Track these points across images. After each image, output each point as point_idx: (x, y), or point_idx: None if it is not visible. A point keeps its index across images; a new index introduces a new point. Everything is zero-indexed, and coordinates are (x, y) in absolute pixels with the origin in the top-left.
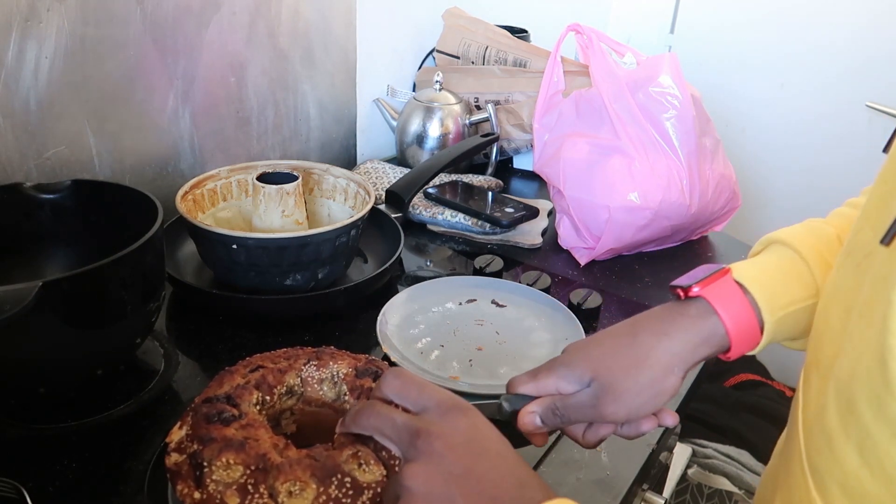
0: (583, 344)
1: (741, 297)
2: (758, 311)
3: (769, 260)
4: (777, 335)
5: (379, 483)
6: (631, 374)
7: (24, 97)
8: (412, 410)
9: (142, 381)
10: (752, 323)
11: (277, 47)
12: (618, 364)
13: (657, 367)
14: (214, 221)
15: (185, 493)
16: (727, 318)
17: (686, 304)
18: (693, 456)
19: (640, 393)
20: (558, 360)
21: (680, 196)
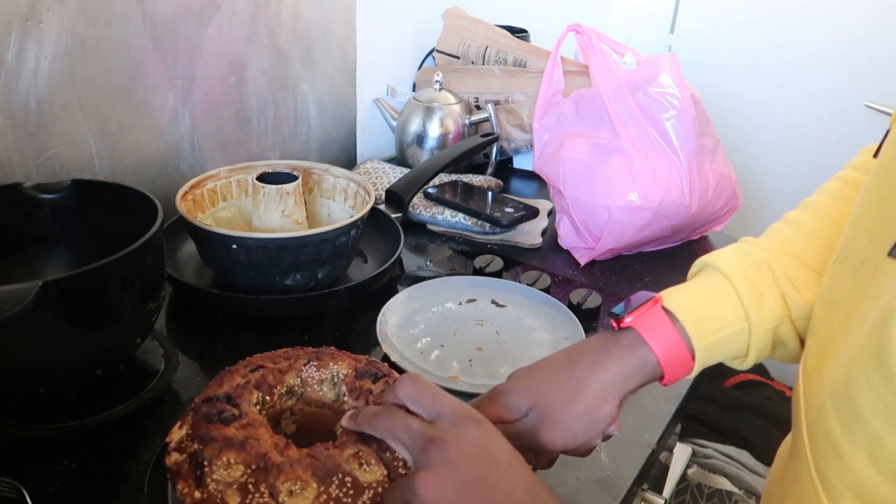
0: (523, 372)
1: (670, 325)
2: (687, 339)
3: (700, 286)
4: (710, 360)
5: (380, 483)
6: (567, 403)
7: (24, 97)
8: (425, 417)
9: (142, 380)
10: (682, 350)
11: (277, 47)
12: (554, 394)
13: (592, 397)
14: (214, 221)
15: (185, 492)
16: (657, 347)
17: (619, 335)
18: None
19: (577, 422)
20: (498, 389)
21: (680, 196)
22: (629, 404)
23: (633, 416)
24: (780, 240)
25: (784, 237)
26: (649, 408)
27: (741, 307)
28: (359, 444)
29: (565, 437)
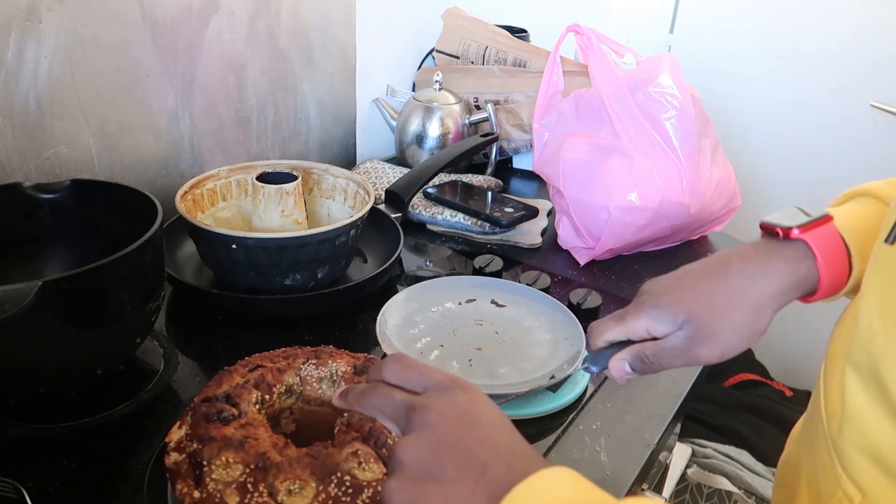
0: (670, 284)
1: (841, 246)
2: (850, 262)
3: (862, 211)
4: (857, 287)
5: (379, 481)
6: (726, 315)
7: (23, 97)
8: (413, 392)
9: (141, 380)
10: (843, 272)
11: (277, 47)
12: (712, 305)
13: (752, 309)
14: (214, 221)
15: (184, 492)
16: (825, 265)
17: (782, 246)
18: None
19: (735, 333)
20: (646, 302)
21: (679, 196)
22: (628, 403)
23: (632, 415)
24: None
25: None
26: (649, 407)
27: None
28: (357, 443)
29: (722, 350)
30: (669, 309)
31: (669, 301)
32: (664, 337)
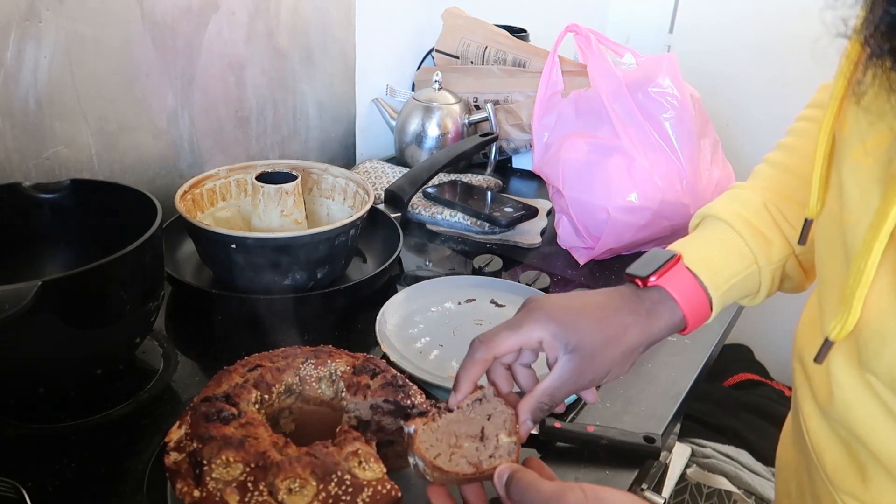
0: (564, 307)
1: (692, 281)
2: (705, 290)
3: (709, 236)
4: (725, 303)
5: (379, 481)
6: (609, 347)
7: (23, 97)
8: None
9: (141, 380)
10: (702, 302)
11: (276, 47)
12: (597, 339)
13: (630, 343)
14: (213, 221)
15: (184, 491)
16: (683, 302)
17: (647, 291)
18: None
19: (614, 364)
20: (543, 317)
21: (679, 196)
22: (628, 403)
23: (632, 415)
24: (768, 182)
25: (771, 179)
26: (649, 407)
27: (749, 252)
28: (358, 442)
29: (602, 377)
30: (566, 330)
31: (567, 323)
32: (552, 363)
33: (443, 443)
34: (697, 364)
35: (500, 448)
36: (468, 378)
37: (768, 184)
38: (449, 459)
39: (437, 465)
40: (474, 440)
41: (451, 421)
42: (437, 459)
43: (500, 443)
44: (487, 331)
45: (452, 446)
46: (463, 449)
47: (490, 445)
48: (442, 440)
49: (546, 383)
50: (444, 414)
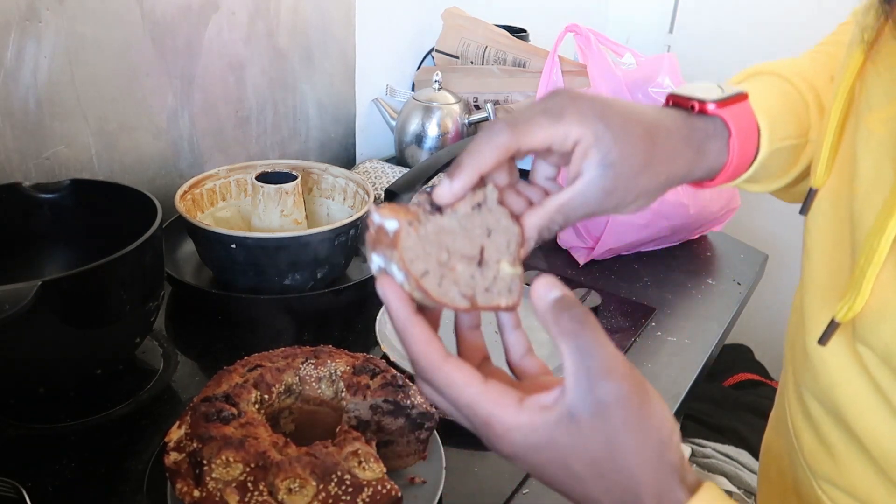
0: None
1: (752, 126)
2: (759, 144)
3: (772, 90)
4: (757, 171)
5: (379, 481)
6: (651, 171)
7: (23, 97)
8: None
9: (141, 380)
10: (749, 155)
11: (276, 47)
12: (646, 157)
13: (673, 174)
14: (213, 221)
15: (184, 491)
16: (738, 146)
17: (701, 120)
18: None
19: (646, 194)
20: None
21: (679, 196)
22: None
23: None
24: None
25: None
26: None
27: (808, 120)
28: (358, 442)
29: (625, 204)
30: (614, 138)
31: (617, 129)
32: (576, 174)
33: (432, 257)
34: (697, 364)
35: (499, 280)
36: (476, 166)
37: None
38: (439, 284)
39: (425, 287)
40: (470, 263)
41: (443, 230)
42: (424, 279)
43: (500, 273)
44: (516, 112)
45: (443, 265)
46: (456, 272)
47: (489, 274)
48: (431, 254)
49: (565, 196)
50: (435, 216)
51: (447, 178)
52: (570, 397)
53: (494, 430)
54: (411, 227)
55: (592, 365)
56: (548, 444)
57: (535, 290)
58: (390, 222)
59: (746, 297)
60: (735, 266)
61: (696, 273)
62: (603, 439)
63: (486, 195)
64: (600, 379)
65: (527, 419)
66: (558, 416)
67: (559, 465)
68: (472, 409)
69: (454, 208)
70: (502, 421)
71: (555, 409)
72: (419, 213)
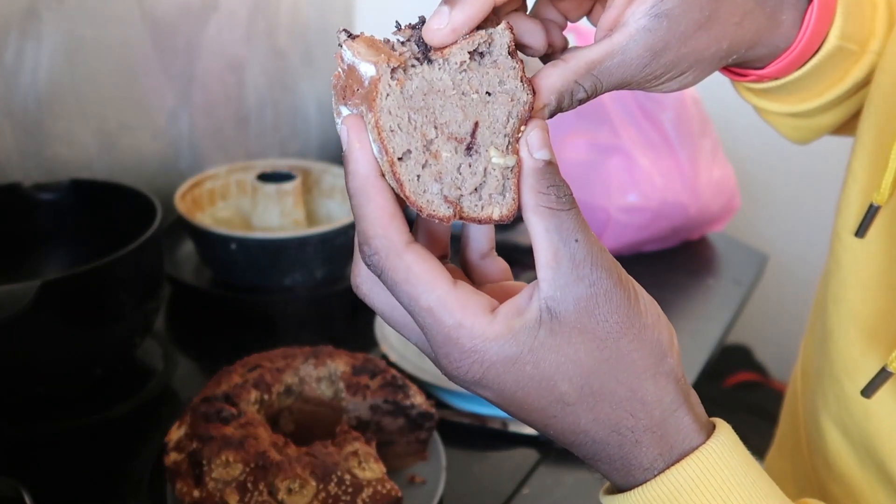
0: None
1: (832, 3)
2: (828, 31)
3: None
4: (809, 72)
5: (378, 481)
6: (712, 32)
7: (23, 97)
8: None
9: (141, 380)
10: (818, 38)
11: (276, 46)
12: (707, 11)
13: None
14: (213, 221)
15: (184, 491)
16: (814, 17)
17: None
18: None
19: (700, 63)
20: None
21: (679, 196)
22: None
23: None
24: None
25: None
26: None
27: (872, 25)
28: (358, 442)
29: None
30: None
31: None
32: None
33: (417, 132)
34: (697, 364)
35: (489, 177)
36: None
37: None
38: (417, 178)
39: (400, 176)
40: (458, 146)
41: (432, 87)
42: (402, 164)
43: (490, 166)
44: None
45: (426, 144)
46: (441, 162)
47: (478, 167)
48: (416, 126)
49: (599, 51)
50: (423, 66)
51: (446, 4)
52: (548, 289)
53: (461, 344)
54: (394, 79)
55: (575, 251)
56: (529, 355)
57: (524, 139)
58: (365, 66)
59: (746, 297)
60: (735, 266)
61: (696, 273)
62: (591, 341)
63: (494, 39)
64: (584, 267)
65: (502, 327)
66: (537, 315)
67: (540, 383)
68: (434, 316)
69: (445, 54)
70: (473, 331)
71: (531, 308)
72: (405, 58)
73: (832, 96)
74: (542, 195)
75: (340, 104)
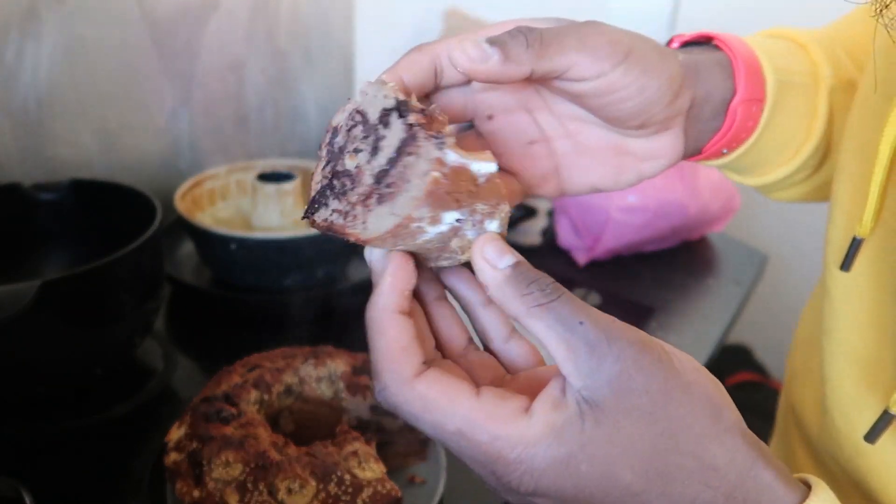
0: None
1: (749, 51)
2: (762, 69)
3: (775, 46)
4: (774, 109)
5: (379, 480)
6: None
7: (23, 97)
8: None
9: (141, 380)
10: (759, 76)
11: (276, 46)
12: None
13: (672, 72)
14: (213, 221)
15: (184, 491)
16: (741, 64)
17: (696, 48)
18: None
19: (658, 91)
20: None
21: (679, 197)
22: None
23: None
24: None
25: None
26: None
27: (809, 61)
28: (358, 442)
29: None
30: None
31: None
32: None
33: None
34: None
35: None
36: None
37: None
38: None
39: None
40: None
41: None
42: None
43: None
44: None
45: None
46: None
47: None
48: None
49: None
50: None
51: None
52: (577, 381)
53: (504, 457)
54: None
55: (586, 334)
56: (580, 452)
57: (481, 258)
58: (486, 165)
59: (746, 297)
60: (735, 266)
61: (696, 273)
62: (639, 420)
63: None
64: (602, 345)
65: (542, 427)
66: (576, 409)
67: (600, 480)
68: (466, 437)
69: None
70: (511, 440)
71: (568, 402)
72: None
73: (819, 132)
74: (527, 297)
75: (445, 211)
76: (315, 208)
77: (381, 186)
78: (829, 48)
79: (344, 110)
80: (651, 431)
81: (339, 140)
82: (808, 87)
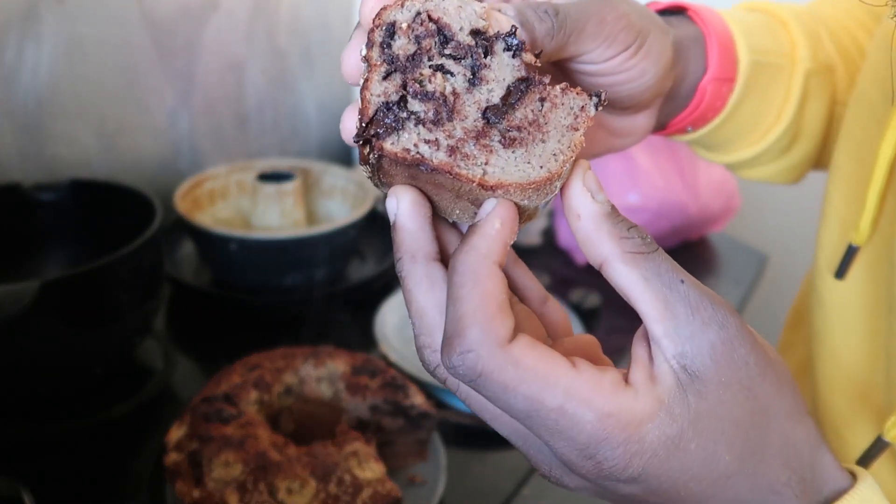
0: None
1: (724, 26)
2: (735, 47)
3: (752, 20)
4: (745, 91)
5: (378, 481)
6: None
7: (23, 97)
8: None
9: (141, 380)
10: (731, 56)
11: (276, 46)
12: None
13: (668, 56)
14: (213, 221)
15: (184, 491)
16: (714, 41)
17: (673, 17)
18: None
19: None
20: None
21: (679, 197)
22: None
23: None
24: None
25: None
26: None
27: (788, 39)
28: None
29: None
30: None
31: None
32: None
33: None
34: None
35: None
36: None
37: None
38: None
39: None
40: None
41: None
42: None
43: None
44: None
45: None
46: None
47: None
48: None
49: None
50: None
51: None
52: (674, 346)
53: (612, 438)
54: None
55: (688, 294)
56: (690, 430)
57: (582, 184)
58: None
59: (746, 297)
60: (735, 266)
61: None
62: (739, 393)
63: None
64: (705, 309)
65: (652, 402)
66: (674, 380)
67: (704, 461)
68: (568, 416)
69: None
70: (621, 418)
71: (663, 372)
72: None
73: (790, 115)
74: (625, 240)
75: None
76: (378, 132)
77: (498, 125)
78: (811, 26)
79: (402, 6)
80: (749, 407)
81: (404, 46)
82: (783, 68)
